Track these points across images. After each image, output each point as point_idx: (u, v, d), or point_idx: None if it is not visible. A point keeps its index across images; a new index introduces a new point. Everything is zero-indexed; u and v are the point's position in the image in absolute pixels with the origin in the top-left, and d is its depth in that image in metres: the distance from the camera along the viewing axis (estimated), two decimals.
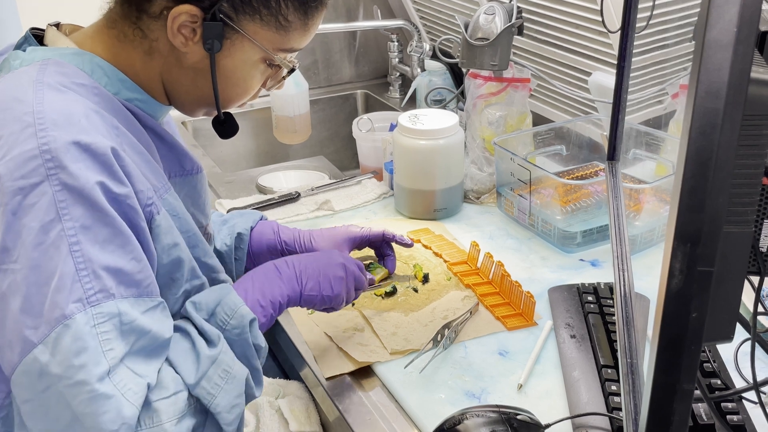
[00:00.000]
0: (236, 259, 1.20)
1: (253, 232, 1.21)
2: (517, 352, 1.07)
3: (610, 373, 0.97)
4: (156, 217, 0.86)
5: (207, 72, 0.90)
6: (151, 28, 0.88)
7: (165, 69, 0.90)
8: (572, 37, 1.49)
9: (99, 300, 0.76)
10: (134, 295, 0.79)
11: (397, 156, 1.44)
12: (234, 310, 0.88)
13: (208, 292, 0.90)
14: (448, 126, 1.39)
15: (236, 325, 0.88)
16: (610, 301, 1.12)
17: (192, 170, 0.97)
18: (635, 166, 1.43)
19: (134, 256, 0.80)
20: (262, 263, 1.18)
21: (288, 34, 0.91)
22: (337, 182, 1.58)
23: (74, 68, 0.85)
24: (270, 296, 0.94)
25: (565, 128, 1.50)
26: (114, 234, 0.78)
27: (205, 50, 0.88)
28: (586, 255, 1.31)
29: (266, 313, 0.93)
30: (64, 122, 0.78)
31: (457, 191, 1.45)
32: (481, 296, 1.19)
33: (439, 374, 1.03)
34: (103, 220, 0.77)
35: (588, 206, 1.34)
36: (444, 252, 1.32)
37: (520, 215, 1.39)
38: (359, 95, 2.18)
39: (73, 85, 0.83)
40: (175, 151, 0.95)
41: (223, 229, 1.21)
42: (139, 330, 0.79)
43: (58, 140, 0.77)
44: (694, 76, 0.48)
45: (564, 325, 1.10)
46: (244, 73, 0.92)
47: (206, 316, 0.88)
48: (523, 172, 1.34)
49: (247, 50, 0.90)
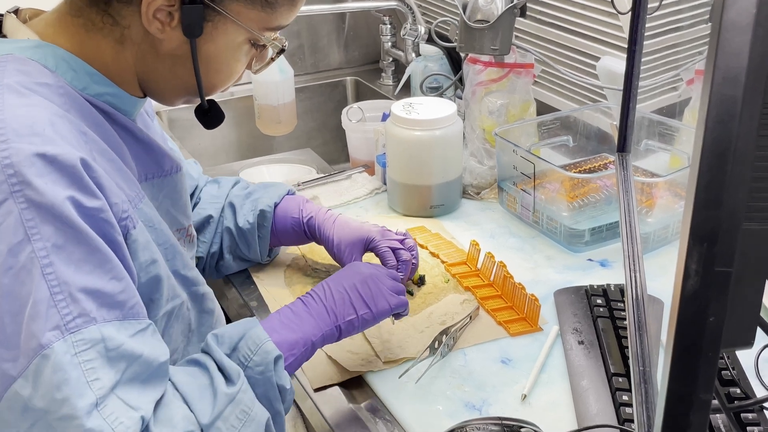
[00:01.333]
0: (260, 237, 1.23)
1: (277, 209, 1.23)
2: (520, 359, 1.07)
3: (621, 382, 0.97)
4: (132, 232, 0.85)
5: (187, 59, 0.89)
6: (123, 14, 0.86)
7: (139, 58, 0.89)
8: (579, 19, 1.49)
9: (78, 326, 0.74)
10: (118, 318, 0.77)
11: (390, 148, 1.44)
12: (258, 345, 0.87)
13: (233, 326, 0.90)
14: (446, 115, 1.38)
15: (259, 361, 0.87)
16: (621, 305, 1.12)
17: (171, 170, 0.97)
18: (647, 158, 1.44)
19: (114, 275, 0.78)
20: (287, 243, 1.25)
21: (274, 11, 0.90)
22: (326, 177, 1.58)
23: (36, 65, 0.84)
24: (300, 333, 0.92)
25: (572, 117, 1.50)
26: (89, 252, 0.76)
27: (184, 36, 0.87)
28: (594, 254, 1.31)
29: (295, 351, 0.91)
30: (27, 132, 0.76)
31: (455, 186, 1.45)
32: (481, 299, 1.19)
33: (437, 384, 1.03)
34: (77, 238, 0.76)
35: (597, 202, 1.34)
36: (441, 252, 1.32)
37: (524, 212, 1.39)
38: (349, 82, 2.18)
39: (36, 85, 0.81)
40: (152, 150, 0.94)
41: (246, 204, 1.23)
42: (129, 355, 0.77)
43: (21, 153, 0.75)
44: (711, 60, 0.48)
45: (571, 331, 1.10)
46: (227, 56, 0.91)
47: (228, 351, 0.87)
48: (526, 165, 1.34)
49: (231, 32, 0.89)
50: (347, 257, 1.19)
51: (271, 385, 0.87)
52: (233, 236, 1.23)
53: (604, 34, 1.45)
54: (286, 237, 1.24)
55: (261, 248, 1.23)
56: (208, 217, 1.22)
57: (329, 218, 1.22)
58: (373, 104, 1.78)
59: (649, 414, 0.75)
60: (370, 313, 0.98)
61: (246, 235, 1.22)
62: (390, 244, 1.19)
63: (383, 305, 0.99)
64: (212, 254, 1.24)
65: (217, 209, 1.23)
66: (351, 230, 1.21)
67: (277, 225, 1.22)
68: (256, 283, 1.26)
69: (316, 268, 1.28)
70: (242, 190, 1.26)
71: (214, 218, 1.22)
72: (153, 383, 0.79)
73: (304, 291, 1.21)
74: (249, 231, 1.21)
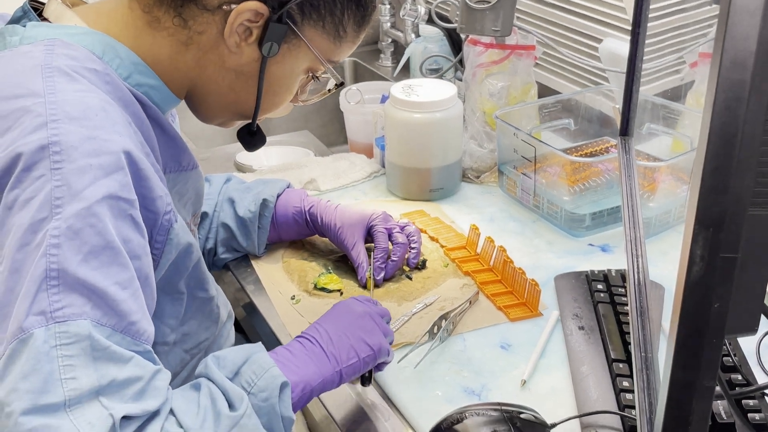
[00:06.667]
0: (260, 227, 1.23)
1: (279, 199, 1.23)
2: (520, 345, 1.07)
3: (621, 368, 0.98)
4: (175, 226, 0.85)
5: (251, 77, 0.91)
6: (198, 20, 0.86)
7: (200, 65, 0.89)
8: (582, 0, 1.48)
9: (66, 317, 0.70)
10: (112, 326, 0.72)
11: (389, 131, 1.43)
12: (264, 369, 0.82)
13: (235, 349, 0.85)
14: (445, 98, 1.38)
15: (264, 387, 0.81)
16: (622, 290, 1.12)
17: (188, 166, 0.97)
18: (650, 141, 1.43)
19: (121, 281, 0.74)
20: (286, 235, 1.24)
21: (341, 45, 0.93)
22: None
23: (84, 50, 0.83)
24: (299, 375, 0.86)
25: (574, 100, 1.50)
26: (104, 248, 0.73)
27: (260, 53, 0.88)
28: (595, 239, 1.31)
29: (295, 393, 0.85)
30: (80, 116, 0.76)
31: (454, 170, 1.45)
32: (481, 284, 1.19)
33: (436, 369, 1.03)
34: (96, 230, 0.73)
35: (598, 186, 1.34)
36: (441, 236, 1.32)
37: (524, 196, 1.39)
38: (347, 63, 2.17)
39: (85, 70, 0.81)
40: (175, 144, 0.94)
41: (246, 196, 1.23)
42: (119, 357, 0.72)
43: (71, 134, 0.74)
44: (719, 44, 0.48)
45: (572, 316, 1.11)
46: (289, 81, 0.94)
47: (230, 375, 0.82)
48: (527, 148, 1.34)
49: (300, 57, 0.92)
50: (349, 239, 1.19)
51: (275, 414, 0.81)
52: (230, 229, 1.22)
53: (607, 15, 1.44)
54: (287, 228, 1.24)
55: (259, 239, 1.23)
56: (202, 214, 1.22)
57: (330, 206, 1.23)
58: (371, 86, 1.77)
59: (651, 400, 0.76)
60: (372, 354, 0.92)
61: (246, 225, 1.22)
62: (388, 227, 1.20)
63: (384, 346, 0.94)
64: (208, 250, 1.24)
65: (211, 206, 1.23)
66: (352, 213, 1.21)
67: (278, 215, 1.23)
68: (253, 265, 1.26)
69: (314, 252, 1.28)
70: (239, 184, 1.26)
71: (209, 215, 1.22)
72: (146, 399, 0.73)
73: (303, 277, 1.21)
74: (250, 220, 1.21)
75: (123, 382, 0.72)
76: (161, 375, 0.76)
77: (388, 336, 0.96)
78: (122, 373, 0.72)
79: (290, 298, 1.18)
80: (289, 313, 1.16)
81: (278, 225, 1.24)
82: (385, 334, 0.95)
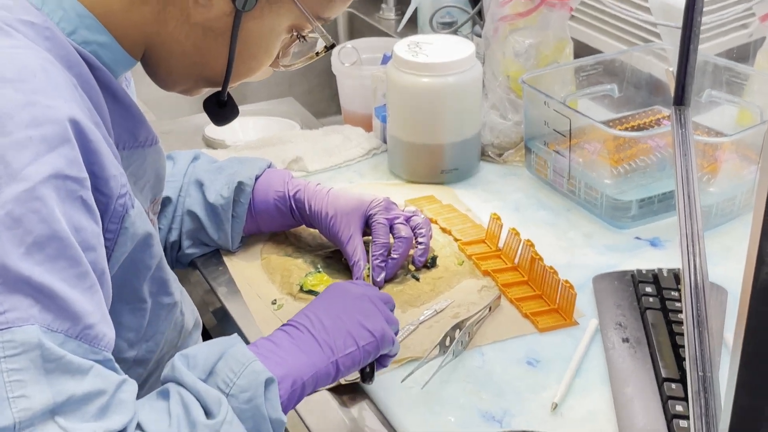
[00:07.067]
0: (234, 216, 1.23)
1: (258, 182, 1.23)
2: (550, 360, 1.08)
3: (674, 389, 0.98)
4: (130, 213, 0.85)
5: (221, 34, 0.91)
6: None
7: (159, 20, 0.89)
8: None
9: (9, 322, 0.69)
10: (66, 332, 0.72)
11: (392, 98, 1.43)
12: (243, 365, 0.82)
13: (207, 345, 0.85)
14: (461, 58, 1.38)
15: (245, 386, 0.81)
16: (676, 294, 1.12)
17: (145, 142, 0.97)
18: (711, 112, 1.43)
19: (73, 277, 0.73)
20: (266, 226, 1.24)
21: (331, 0, 0.94)
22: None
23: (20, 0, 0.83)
24: (285, 368, 0.86)
25: (618, 61, 1.50)
26: (50, 238, 0.73)
27: (233, 5, 0.89)
28: (643, 232, 1.31)
29: (283, 389, 0.85)
30: (15, 77, 0.76)
31: (472, 146, 1.45)
32: (503, 287, 1.19)
33: (448, 390, 1.03)
34: (41, 215, 0.72)
35: (647, 167, 1.34)
36: (454, 228, 1.32)
37: (557, 178, 1.39)
38: (341, 16, 2.16)
39: (19, 23, 0.81)
40: (130, 115, 0.93)
41: (218, 178, 1.23)
42: (76, 368, 0.71)
43: (6, 101, 0.74)
44: None
45: (614, 326, 1.11)
46: (268, 41, 0.95)
47: (203, 375, 0.82)
48: (560, 120, 1.34)
49: (283, 14, 0.92)
50: (343, 231, 1.19)
51: (261, 416, 0.81)
52: (197, 219, 1.22)
53: None
54: (267, 217, 1.24)
55: (234, 231, 1.23)
56: (164, 200, 1.21)
57: (321, 190, 1.23)
58: (370, 43, 1.77)
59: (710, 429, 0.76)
60: (374, 342, 0.93)
61: (218, 214, 1.22)
62: (390, 217, 1.20)
63: (388, 333, 0.94)
64: (171, 244, 1.24)
65: (174, 190, 1.23)
66: (348, 200, 1.21)
67: (257, 201, 1.23)
68: (226, 262, 1.26)
69: (300, 247, 1.28)
70: (209, 164, 1.26)
71: (172, 201, 1.23)
72: (111, 415, 0.73)
73: (287, 278, 1.21)
74: (223, 207, 1.21)
75: (83, 397, 0.72)
76: (126, 386, 0.76)
77: (392, 324, 0.97)
78: (81, 387, 0.72)
79: (271, 303, 1.18)
80: (270, 321, 1.16)
81: (257, 213, 1.24)
82: (389, 322, 0.96)
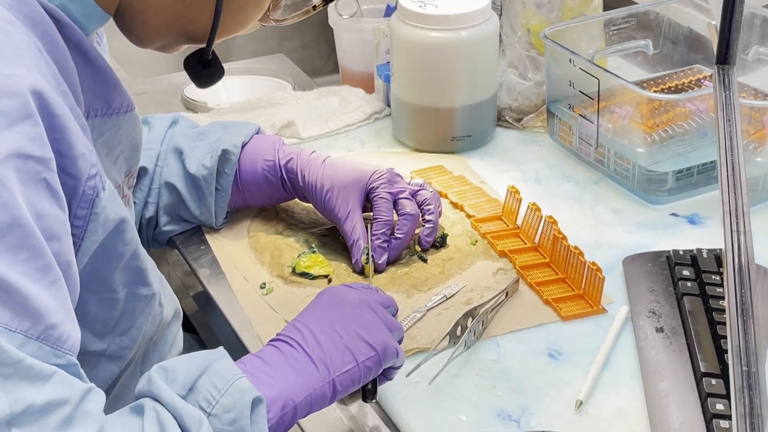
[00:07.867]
0: (218, 189, 1.23)
1: (244, 150, 1.23)
2: (575, 352, 1.08)
3: (714, 385, 0.98)
4: (101, 196, 0.85)
5: None
6: None
7: None
8: None
9: None
10: (25, 332, 0.71)
11: (397, 55, 1.43)
12: (228, 381, 0.82)
13: (188, 357, 0.86)
14: (475, 9, 1.38)
15: (230, 405, 0.81)
16: (717, 278, 1.13)
17: (120, 108, 0.96)
18: (759, 71, 1.43)
19: (35, 270, 0.73)
20: (254, 200, 1.24)
21: None
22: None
23: None
24: (276, 389, 0.86)
25: (653, 14, 1.49)
26: (9, 226, 0.72)
27: None
28: (680, 207, 1.31)
29: (270, 415, 0.85)
30: None
31: (487, 110, 1.45)
32: (522, 269, 1.20)
33: (459, 385, 1.04)
34: (0, 200, 0.72)
35: (685, 133, 1.34)
36: (467, 202, 1.32)
37: (583, 147, 1.39)
38: None
39: None
40: (103, 78, 0.93)
41: (200, 145, 1.23)
42: (36, 374, 0.71)
43: None
44: None
45: (647, 313, 1.11)
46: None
47: (182, 392, 0.82)
48: (587, 80, 1.34)
49: None
50: (341, 207, 1.19)
51: None
52: (177, 191, 1.23)
53: None
54: (255, 189, 1.24)
55: (217, 205, 1.24)
56: (140, 170, 1.20)
57: (316, 159, 1.23)
58: None
59: (754, 430, 0.76)
60: (375, 356, 0.92)
61: (200, 186, 1.22)
62: (394, 191, 1.19)
63: (390, 344, 0.94)
64: (148, 220, 1.24)
65: (151, 159, 1.23)
66: (346, 171, 1.21)
67: (243, 172, 1.23)
68: (208, 240, 1.26)
69: (292, 223, 1.28)
70: (190, 129, 1.26)
71: (148, 172, 1.23)
72: (74, 428, 0.73)
73: (278, 258, 1.21)
74: (205, 179, 1.21)
75: (43, 407, 0.71)
76: (92, 396, 0.76)
77: (395, 332, 0.96)
78: (41, 395, 0.71)
79: (259, 287, 1.19)
80: (258, 306, 1.16)
81: (243, 186, 1.24)
82: (391, 330, 0.96)
